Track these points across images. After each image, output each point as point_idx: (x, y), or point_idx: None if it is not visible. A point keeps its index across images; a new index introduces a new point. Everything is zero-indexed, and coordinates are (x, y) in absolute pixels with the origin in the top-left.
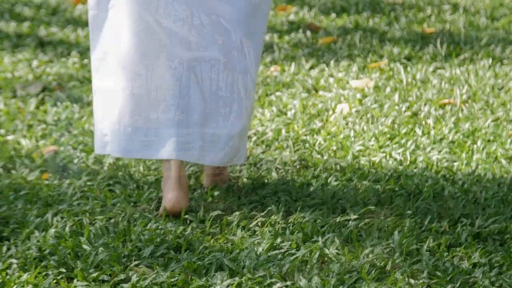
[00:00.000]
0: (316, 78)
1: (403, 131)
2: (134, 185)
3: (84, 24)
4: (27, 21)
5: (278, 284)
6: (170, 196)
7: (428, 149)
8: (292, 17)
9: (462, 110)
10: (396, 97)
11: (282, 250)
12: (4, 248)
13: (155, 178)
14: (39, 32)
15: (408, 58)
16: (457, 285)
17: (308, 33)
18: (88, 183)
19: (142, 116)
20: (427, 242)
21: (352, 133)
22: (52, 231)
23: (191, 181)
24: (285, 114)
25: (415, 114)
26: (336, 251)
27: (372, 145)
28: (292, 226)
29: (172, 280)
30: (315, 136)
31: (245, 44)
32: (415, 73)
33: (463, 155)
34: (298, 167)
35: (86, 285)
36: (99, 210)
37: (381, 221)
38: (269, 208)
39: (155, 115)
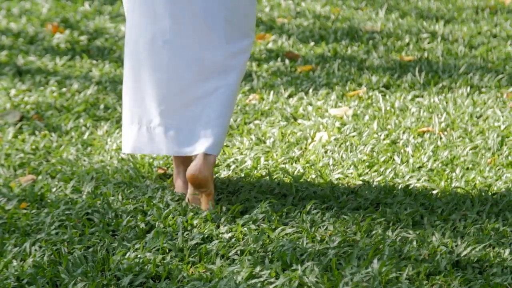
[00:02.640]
0: (295, 106)
1: (382, 159)
2: (113, 213)
3: (62, 53)
4: (5, 49)
5: None
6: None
7: (407, 177)
8: (270, 45)
9: (440, 138)
10: (375, 125)
11: (262, 279)
12: None
13: (133, 207)
14: (17, 61)
15: (387, 86)
16: None
17: (287, 61)
18: (67, 212)
19: None
20: (407, 270)
21: (331, 161)
22: (30, 260)
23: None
24: (264, 142)
25: (394, 142)
26: (315, 279)
27: (351, 173)
28: (272, 254)
29: None
30: (294, 164)
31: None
32: (393, 101)
33: (442, 183)
34: (277, 195)
35: None
36: (77, 239)
37: (360, 249)
38: (248, 236)
39: None
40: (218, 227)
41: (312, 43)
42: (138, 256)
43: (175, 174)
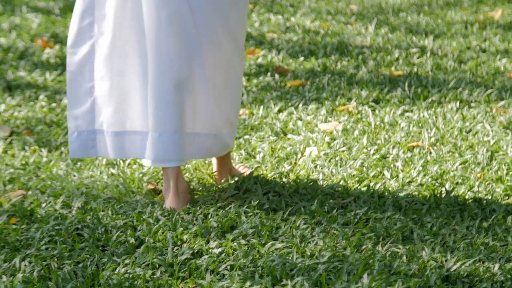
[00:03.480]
0: (284, 121)
1: (372, 174)
2: (103, 229)
3: (52, 68)
4: None
5: None
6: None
7: (397, 192)
8: (260, 60)
9: (430, 153)
10: (364, 140)
11: None
12: None
13: (123, 222)
14: (7, 76)
15: (376, 101)
16: None
17: (277, 76)
18: (56, 227)
19: None
20: (396, 285)
21: (320, 176)
22: (20, 276)
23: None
24: (254, 157)
25: (383, 157)
26: None
27: (341, 189)
28: (261, 269)
29: None
30: (283, 179)
31: None
32: (383, 116)
33: (432, 198)
34: (267, 210)
35: None
36: (67, 255)
37: (350, 264)
38: (238, 251)
39: None
40: (208, 242)
41: (301, 58)
42: (128, 271)
43: (165, 188)
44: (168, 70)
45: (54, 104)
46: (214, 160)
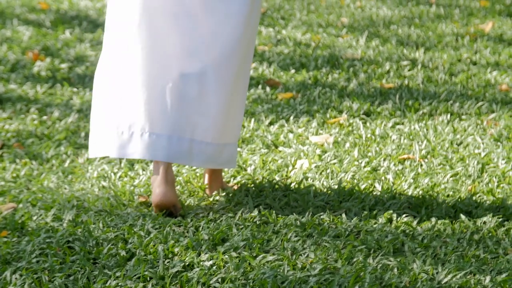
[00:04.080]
0: (275, 133)
1: (363, 186)
2: (94, 241)
3: (43, 81)
4: None
5: None
6: (158, 192)
7: (388, 204)
8: (251, 73)
9: (421, 166)
10: (355, 152)
11: None
12: None
13: (114, 235)
14: None
15: (367, 114)
16: None
17: (268, 89)
18: (47, 240)
19: None
20: None
21: (312, 188)
22: None
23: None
24: (245, 170)
25: (374, 170)
26: None
27: (332, 201)
28: (253, 282)
29: None
30: (275, 192)
31: None
32: (374, 129)
33: (423, 210)
34: (258, 222)
35: None
36: (58, 267)
37: (341, 276)
38: (229, 264)
39: None
40: (199, 254)
41: (292, 71)
42: (119, 284)
43: (153, 179)
44: None
45: (45, 117)
46: (205, 173)
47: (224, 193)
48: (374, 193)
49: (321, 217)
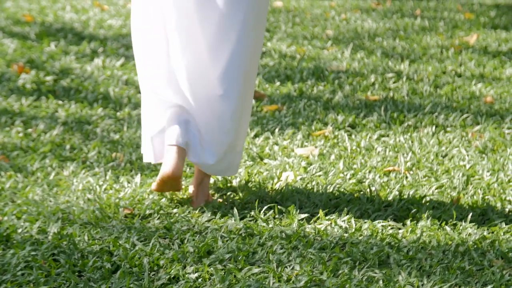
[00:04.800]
0: (261, 146)
1: (348, 198)
2: (79, 254)
3: (28, 93)
4: None
5: None
6: (171, 163)
7: (373, 216)
8: None
9: (406, 178)
10: (341, 164)
11: None
12: None
13: (99, 247)
14: None
15: (353, 126)
16: None
17: (253, 101)
18: (32, 253)
19: None
20: None
21: (297, 201)
22: None
23: None
24: (230, 182)
25: (360, 182)
26: None
27: (317, 213)
28: None
29: None
30: (260, 204)
31: None
32: (359, 141)
33: (408, 222)
34: (243, 235)
35: None
36: (43, 280)
37: None
38: (214, 276)
39: None
40: (184, 267)
41: (278, 83)
42: None
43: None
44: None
45: (30, 130)
46: (191, 185)
47: (209, 206)
48: (360, 205)
49: (307, 229)
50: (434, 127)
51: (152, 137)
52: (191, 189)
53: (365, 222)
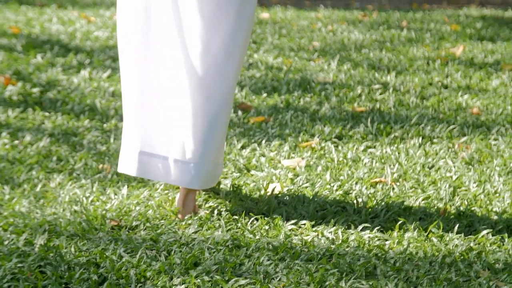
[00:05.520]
0: (247, 157)
1: (335, 210)
2: (66, 266)
3: (15, 105)
4: None
5: None
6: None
7: (360, 227)
8: None
9: (393, 189)
10: (327, 176)
11: None
12: None
13: (86, 259)
14: None
15: (339, 137)
16: None
17: (240, 112)
18: (19, 264)
19: None
20: None
21: (284, 212)
22: None
23: None
24: (217, 194)
25: (346, 193)
26: None
27: (304, 224)
28: None
29: None
30: (247, 215)
31: None
32: (346, 152)
33: (395, 233)
34: (230, 246)
35: None
36: None
37: None
38: None
39: None
40: (171, 279)
41: (264, 95)
42: None
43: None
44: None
45: (16, 141)
46: (178, 196)
47: (196, 217)
48: (346, 217)
49: (293, 240)
50: (420, 139)
51: (139, 153)
52: (177, 200)
53: (352, 234)
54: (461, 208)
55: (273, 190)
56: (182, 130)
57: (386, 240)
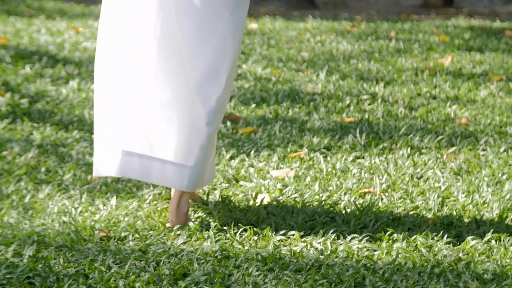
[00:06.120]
0: (236, 168)
1: (324, 220)
2: (54, 277)
3: (3, 116)
4: None
5: None
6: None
7: (349, 238)
8: None
9: (382, 199)
10: (316, 186)
11: None
12: None
13: (75, 270)
14: None
15: (328, 148)
16: None
17: (228, 123)
18: (8, 276)
19: None
20: None
21: (273, 223)
22: None
23: None
24: (206, 204)
25: (335, 204)
26: None
27: (293, 235)
28: None
29: None
30: (236, 226)
31: None
32: (335, 163)
33: (384, 244)
34: (219, 257)
35: None
36: None
37: None
38: None
39: None
40: None
41: (253, 105)
42: None
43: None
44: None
45: (5, 152)
46: (172, 204)
47: (185, 228)
48: (335, 227)
49: (282, 251)
50: (409, 149)
51: (123, 152)
52: (172, 203)
53: (341, 244)
54: (450, 219)
55: (262, 200)
56: (177, 134)
57: (375, 250)
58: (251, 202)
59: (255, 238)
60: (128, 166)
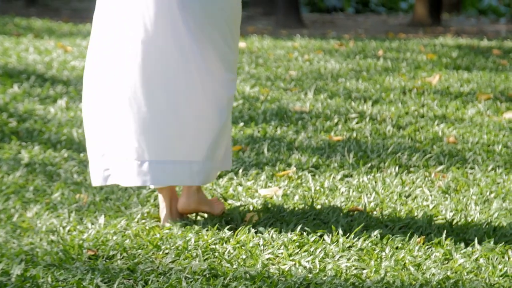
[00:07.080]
0: (225, 186)
1: (312, 239)
2: None
3: None
4: None
5: None
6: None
7: (337, 256)
8: None
9: (370, 218)
10: (304, 205)
11: None
12: None
13: None
14: None
15: (316, 166)
16: None
17: None
18: None
19: None
20: None
21: (261, 241)
22: None
23: None
24: (195, 223)
25: (323, 222)
26: None
27: (282, 253)
28: None
29: None
30: (224, 244)
31: None
32: (323, 181)
33: (372, 262)
34: (207, 276)
35: None
36: None
37: None
38: None
39: None
40: None
41: (241, 124)
42: None
43: (161, 209)
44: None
45: None
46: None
47: (175, 244)
48: (323, 246)
49: (271, 270)
50: (397, 167)
51: (139, 163)
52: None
53: (329, 263)
54: (438, 236)
55: (250, 219)
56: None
57: (363, 269)
58: (239, 221)
59: (244, 256)
60: (145, 175)
